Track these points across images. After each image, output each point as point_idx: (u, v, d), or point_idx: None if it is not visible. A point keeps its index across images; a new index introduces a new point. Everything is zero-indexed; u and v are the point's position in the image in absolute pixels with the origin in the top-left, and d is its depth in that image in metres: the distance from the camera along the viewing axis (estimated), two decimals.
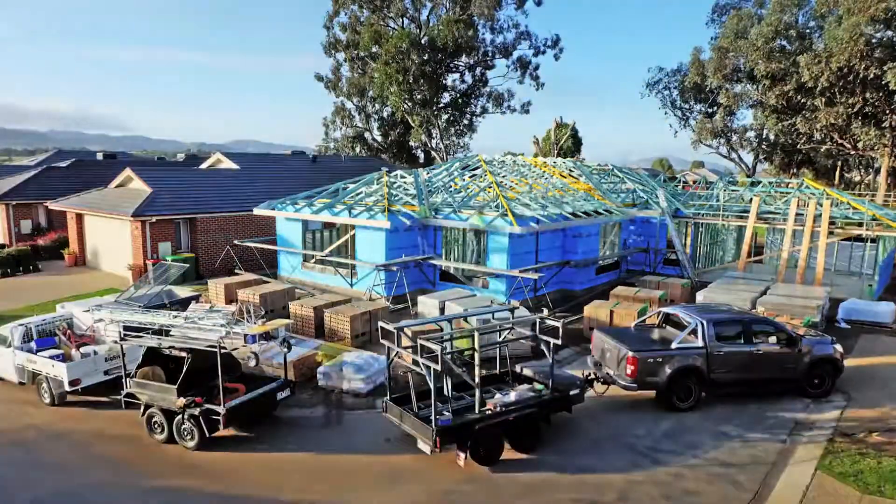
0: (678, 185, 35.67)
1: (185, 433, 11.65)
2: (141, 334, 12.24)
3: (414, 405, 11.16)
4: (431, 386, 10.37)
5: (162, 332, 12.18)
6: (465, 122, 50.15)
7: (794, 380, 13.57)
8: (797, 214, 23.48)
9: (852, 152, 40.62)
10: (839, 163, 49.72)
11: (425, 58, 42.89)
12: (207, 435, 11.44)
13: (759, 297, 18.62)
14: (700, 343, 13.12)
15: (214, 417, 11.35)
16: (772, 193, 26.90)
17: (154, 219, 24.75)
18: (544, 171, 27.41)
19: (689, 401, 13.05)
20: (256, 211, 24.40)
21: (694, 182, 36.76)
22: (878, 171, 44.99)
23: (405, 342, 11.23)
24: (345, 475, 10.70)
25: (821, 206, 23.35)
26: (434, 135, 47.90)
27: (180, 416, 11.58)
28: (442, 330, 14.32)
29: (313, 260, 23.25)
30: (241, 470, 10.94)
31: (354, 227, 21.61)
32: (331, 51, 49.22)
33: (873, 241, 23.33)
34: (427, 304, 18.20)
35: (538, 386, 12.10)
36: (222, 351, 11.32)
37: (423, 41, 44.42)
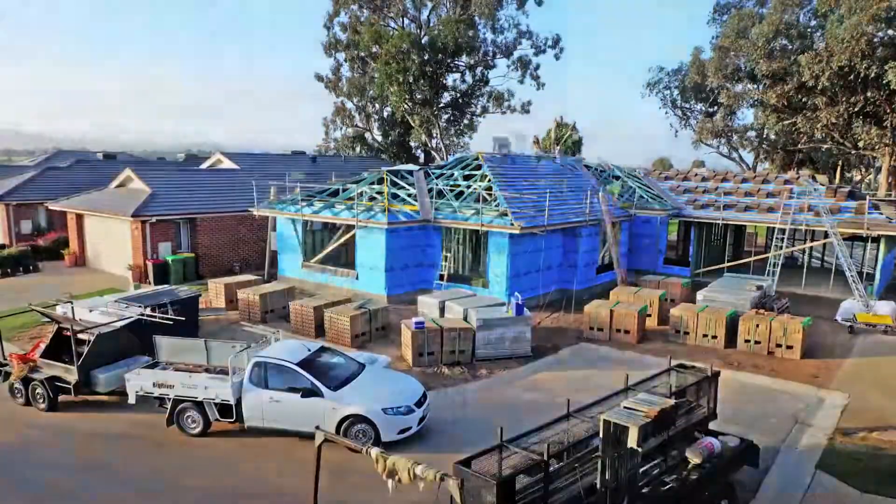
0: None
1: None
2: None
3: None
4: None
5: None
6: (466, 121, 50.14)
7: None
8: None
9: (853, 152, 40.56)
10: (840, 162, 49.65)
11: (425, 58, 42.87)
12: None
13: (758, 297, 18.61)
14: None
15: None
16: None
17: (154, 219, 24.74)
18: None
19: None
20: (256, 211, 24.38)
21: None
22: (878, 170, 44.92)
23: None
24: (344, 473, 10.68)
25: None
26: (434, 135, 47.88)
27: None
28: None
29: (314, 260, 23.25)
30: (240, 469, 10.93)
31: (354, 227, 21.59)
32: (331, 51, 49.22)
33: (874, 240, 23.32)
34: (426, 304, 18.18)
35: None
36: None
37: (423, 41, 44.40)
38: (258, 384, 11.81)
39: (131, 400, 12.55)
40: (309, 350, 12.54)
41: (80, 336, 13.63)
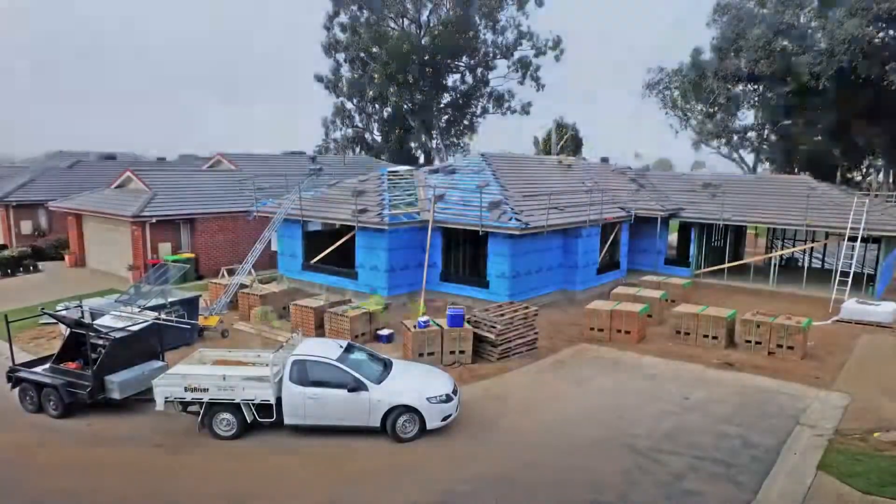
0: None
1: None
2: None
3: None
4: None
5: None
6: (466, 122, 50.14)
7: None
8: None
9: (853, 152, 40.57)
10: (840, 163, 49.68)
11: (425, 59, 42.85)
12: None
13: None
14: None
15: None
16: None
17: (154, 219, 24.74)
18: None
19: None
20: (255, 211, 24.32)
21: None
22: (878, 171, 44.93)
23: None
24: (344, 473, 10.67)
25: None
26: (434, 135, 47.88)
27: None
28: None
29: (313, 260, 23.23)
30: (241, 470, 10.91)
31: (354, 228, 21.56)
32: (331, 51, 49.25)
33: (874, 240, 23.30)
34: None
35: None
36: None
37: (423, 42, 44.40)
38: (298, 382, 11.87)
39: (159, 407, 12.11)
40: (341, 347, 12.81)
41: (94, 340, 13.41)
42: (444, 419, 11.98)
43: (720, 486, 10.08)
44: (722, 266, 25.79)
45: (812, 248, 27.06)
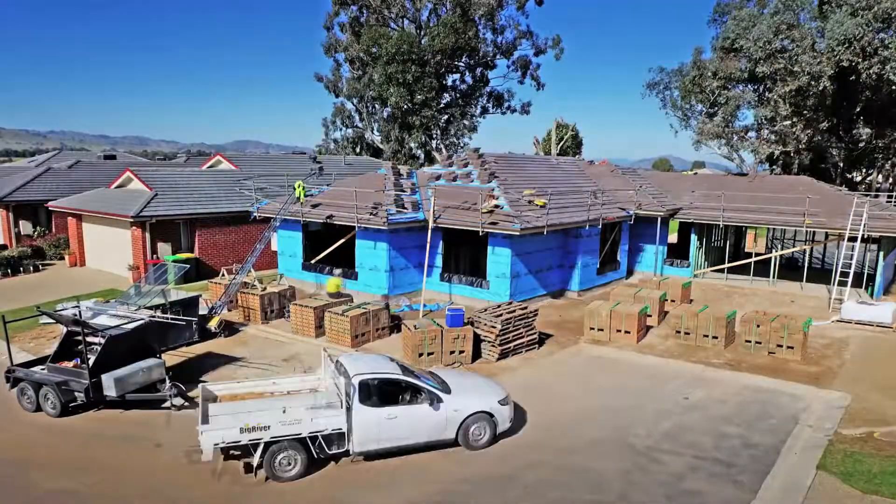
0: None
1: None
2: None
3: None
4: None
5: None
6: (466, 122, 50.11)
7: None
8: None
9: (854, 153, 40.55)
10: (840, 163, 49.61)
11: (425, 58, 42.83)
12: None
13: None
14: None
15: None
16: None
17: (154, 220, 24.73)
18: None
19: None
20: (255, 211, 24.33)
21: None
22: (878, 171, 44.92)
23: None
24: (344, 473, 10.67)
25: None
26: (434, 135, 47.87)
27: None
28: None
29: (314, 260, 23.24)
30: (239, 471, 10.90)
31: (354, 228, 21.56)
32: (331, 52, 49.25)
33: (874, 240, 23.30)
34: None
35: None
36: None
37: (423, 42, 44.38)
38: (371, 404, 10.82)
39: (206, 458, 10.26)
40: (392, 360, 12.04)
41: (90, 339, 13.43)
42: (509, 421, 11.69)
43: (720, 486, 10.08)
44: (722, 266, 25.80)
45: (812, 248, 27.07)
